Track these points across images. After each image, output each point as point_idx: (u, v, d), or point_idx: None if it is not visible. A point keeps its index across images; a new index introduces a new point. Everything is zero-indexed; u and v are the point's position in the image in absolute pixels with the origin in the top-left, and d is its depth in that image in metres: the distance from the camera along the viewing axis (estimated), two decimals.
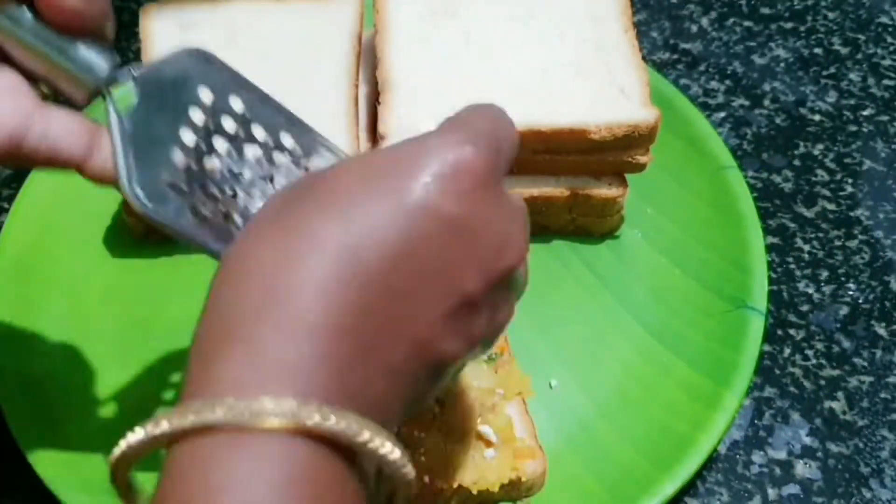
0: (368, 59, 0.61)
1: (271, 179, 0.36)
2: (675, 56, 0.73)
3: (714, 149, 0.61)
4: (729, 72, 0.72)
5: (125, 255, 0.58)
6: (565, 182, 0.57)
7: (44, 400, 0.50)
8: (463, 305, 0.30)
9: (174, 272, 0.57)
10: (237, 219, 0.35)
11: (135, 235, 0.58)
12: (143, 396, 0.51)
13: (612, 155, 0.55)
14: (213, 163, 0.35)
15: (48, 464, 0.47)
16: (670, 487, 0.46)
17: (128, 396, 0.51)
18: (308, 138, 0.38)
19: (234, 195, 0.35)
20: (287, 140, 0.37)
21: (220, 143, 0.36)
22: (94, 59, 0.34)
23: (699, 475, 0.49)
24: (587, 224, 0.59)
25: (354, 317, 0.27)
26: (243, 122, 0.36)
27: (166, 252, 0.58)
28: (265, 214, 0.30)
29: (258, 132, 0.37)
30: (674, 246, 0.58)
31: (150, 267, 0.58)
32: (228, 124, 0.36)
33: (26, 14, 0.33)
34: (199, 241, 0.34)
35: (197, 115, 0.35)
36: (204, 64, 0.36)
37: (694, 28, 0.76)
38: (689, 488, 0.49)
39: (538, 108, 0.54)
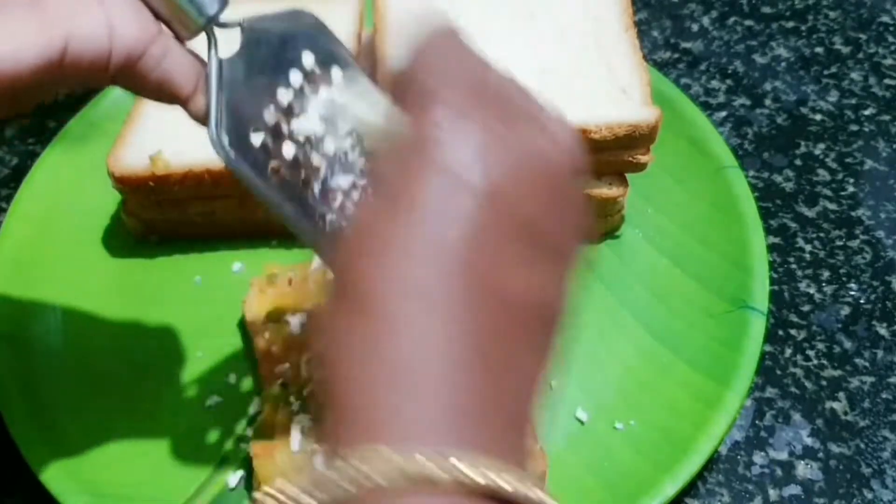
0: (368, 58, 0.60)
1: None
2: (676, 55, 0.73)
3: (715, 148, 0.61)
4: (730, 71, 0.72)
5: (124, 255, 0.58)
6: None
7: (42, 401, 0.50)
8: (532, 235, 0.28)
9: (173, 272, 0.57)
10: (315, 187, 0.35)
11: (134, 235, 0.58)
12: (141, 397, 0.51)
13: (612, 155, 0.55)
14: (301, 128, 0.35)
15: (46, 464, 0.47)
16: (671, 488, 0.46)
17: (126, 397, 0.51)
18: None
19: (317, 164, 0.35)
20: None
21: (312, 111, 0.35)
22: None
23: (700, 476, 0.49)
24: None
25: (465, 349, 0.26)
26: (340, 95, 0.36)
27: (165, 252, 0.58)
28: (332, 296, 0.28)
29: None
30: (675, 246, 0.58)
31: (149, 267, 0.58)
32: (324, 94, 0.36)
33: None
34: (270, 200, 0.34)
35: (296, 78, 0.35)
36: (314, 29, 0.36)
37: (695, 27, 0.76)
38: (689, 489, 0.48)
39: None
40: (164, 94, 0.35)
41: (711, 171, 0.60)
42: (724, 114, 0.69)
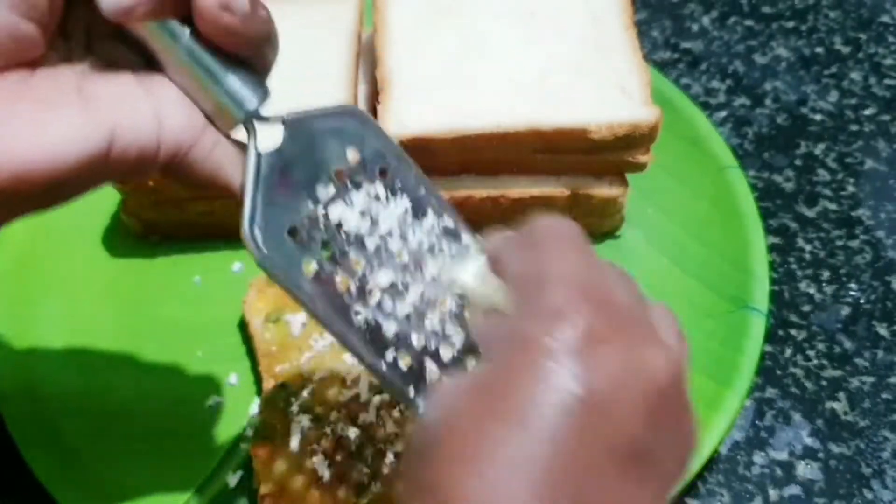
0: (368, 58, 0.60)
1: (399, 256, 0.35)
2: (676, 55, 0.73)
3: (715, 148, 0.61)
4: (730, 71, 0.72)
5: (124, 254, 0.58)
6: (566, 182, 0.57)
7: (42, 400, 0.50)
8: (633, 454, 0.28)
9: (173, 272, 0.57)
10: (352, 285, 0.34)
11: (134, 235, 0.58)
12: (140, 397, 0.51)
13: (612, 155, 0.55)
14: (343, 225, 0.34)
15: (46, 465, 0.47)
16: None
17: (126, 397, 0.51)
18: (450, 221, 0.37)
19: (356, 261, 0.34)
20: (428, 221, 0.36)
21: (353, 208, 0.34)
22: (244, 91, 0.33)
23: (700, 476, 0.49)
24: (588, 224, 0.58)
25: None
26: (385, 191, 0.35)
27: (165, 252, 0.58)
28: (417, 497, 0.28)
29: (399, 204, 0.35)
30: (675, 246, 0.58)
31: (149, 267, 0.57)
32: (368, 190, 0.35)
33: (184, 31, 0.32)
34: (302, 298, 0.32)
35: (337, 174, 0.34)
36: (360, 125, 0.35)
37: (695, 27, 0.76)
38: (689, 489, 0.48)
39: (538, 108, 0.54)
40: (216, 185, 0.34)
41: (712, 170, 0.60)
42: (724, 114, 0.69)
